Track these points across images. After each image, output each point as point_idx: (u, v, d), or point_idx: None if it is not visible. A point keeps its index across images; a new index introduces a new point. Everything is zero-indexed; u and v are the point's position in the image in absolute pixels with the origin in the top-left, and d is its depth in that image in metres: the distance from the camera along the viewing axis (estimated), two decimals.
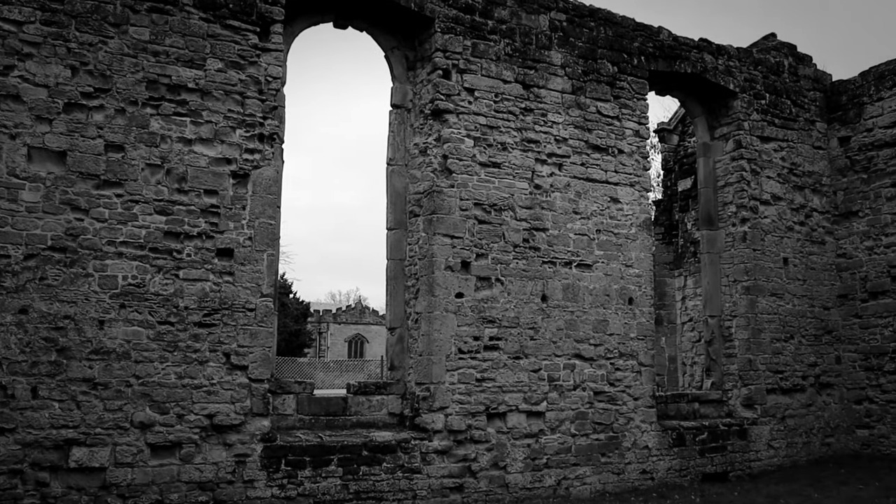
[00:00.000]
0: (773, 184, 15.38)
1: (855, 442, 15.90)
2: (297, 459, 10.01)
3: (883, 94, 15.96)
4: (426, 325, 11.26)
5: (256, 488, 9.75)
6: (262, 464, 9.82)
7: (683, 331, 17.96)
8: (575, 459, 12.11)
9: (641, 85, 13.76)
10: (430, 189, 11.52)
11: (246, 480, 9.71)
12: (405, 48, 12.34)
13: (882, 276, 15.66)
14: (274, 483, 9.85)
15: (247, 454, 9.75)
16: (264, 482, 9.80)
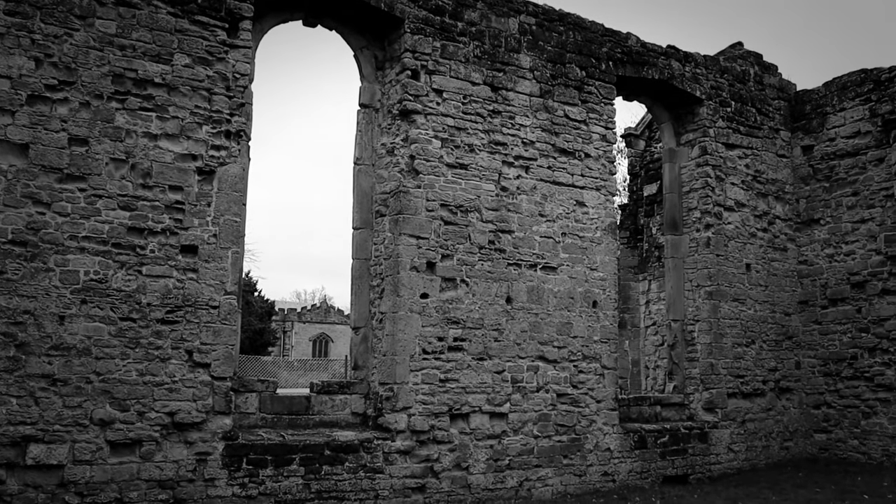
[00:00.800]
0: (738, 190, 15.56)
1: (813, 446, 16.11)
2: (259, 458, 9.95)
3: (845, 104, 16.19)
4: (391, 325, 11.26)
5: (217, 487, 9.69)
6: (224, 462, 9.75)
7: (647, 334, 18.10)
8: (537, 461, 12.16)
9: (609, 90, 13.85)
10: (396, 189, 11.52)
11: (207, 479, 9.64)
12: (374, 48, 12.33)
13: (841, 284, 15.89)
14: (235, 482, 9.79)
15: (208, 452, 9.68)
16: (225, 481, 9.74)
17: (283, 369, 52.67)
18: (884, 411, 15.08)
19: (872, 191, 15.55)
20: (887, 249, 15.20)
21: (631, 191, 20.31)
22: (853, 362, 15.61)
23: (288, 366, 55.69)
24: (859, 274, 15.64)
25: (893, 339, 15.01)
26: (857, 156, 15.91)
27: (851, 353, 15.65)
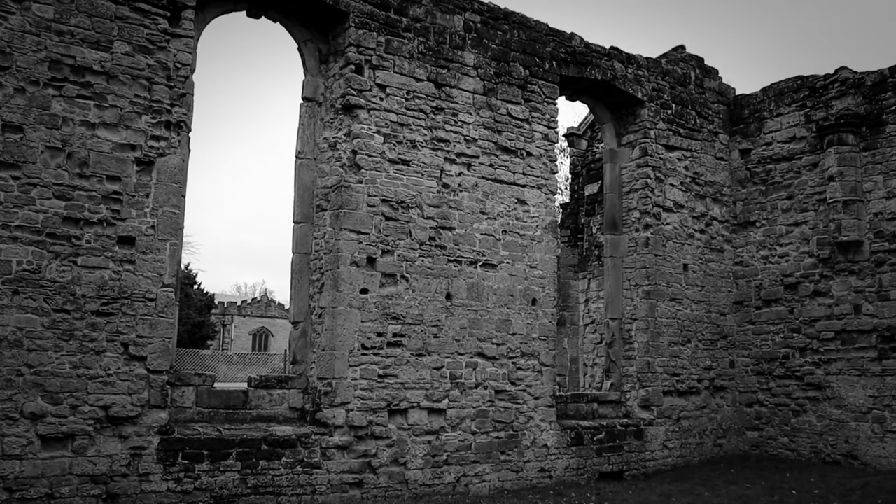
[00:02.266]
0: (676, 192, 15.80)
1: (745, 443, 16.43)
2: (195, 453, 9.86)
3: (782, 109, 16.53)
4: (330, 319, 11.23)
5: (152, 482, 9.57)
6: (159, 457, 9.64)
7: (585, 332, 18.28)
8: (475, 457, 12.23)
9: (552, 89, 13.97)
10: (338, 184, 11.49)
11: (141, 474, 9.52)
12: (319, 41, 12.27)
13: (775, 285, 16.23)
14: (170, 476, 9.68)
15: (143, 447, 9.56)
16: (160, 475, 9.62)
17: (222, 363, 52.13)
18: (813, 409, 15.45)
19: (806, 195, 15.91)
20: (819, 252, 15.56)
21: (573, 190, 20.47)
22: (785, 362, 15.96)
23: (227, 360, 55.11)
24: (792, 276, 15.99)
25: (823, 339, 15.38)
26: (792, 160, 16.25)
27: (783, 352, 16.00)
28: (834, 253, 15.37)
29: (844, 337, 15.14)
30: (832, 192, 15.23)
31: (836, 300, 15.31)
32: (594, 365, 17.50)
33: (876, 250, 14.82)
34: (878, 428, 14.49)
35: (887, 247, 14.66)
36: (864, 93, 15.30)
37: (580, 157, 20.01)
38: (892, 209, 14.66)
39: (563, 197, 30.54)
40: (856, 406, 14.84)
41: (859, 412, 14.79)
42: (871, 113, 15.11)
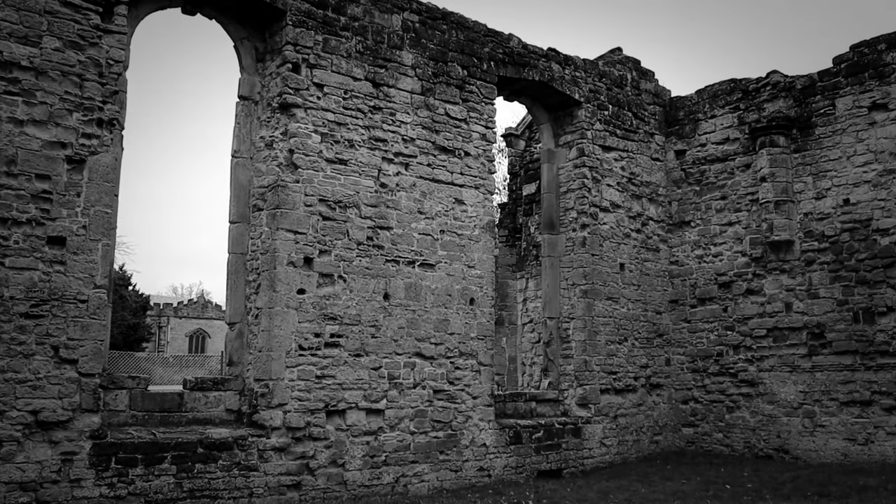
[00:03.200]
0: (613, 192, 15.98)
1: (681, 439, 16.68)
2: (129, 457, 9.67)
3: (716, 111, 16.82)
4: (267, 320, 11.12)
5: (84, 488, 9.36)
6: (91, 462, 9.43)
7: (524, 332, 18.37)
8: (413, 457, 12.21)
9: (490, 89, 14.02)
10: (274, 183, 11.39)
11: (72, 480, 9.30)
12: (255, 39, 12.14)
13: (710, 284, 16.51)
14: (103, 482, 9.47)
15: (74, 452, 9.34)
16: (92, 481, 9.42)
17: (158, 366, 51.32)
18: (746, 405, 15.75)
19: (739, 195, 16.21)
20: (752, 252, 15.87)
21: (510, 190, 20.54)
22: (719, 359, 16.24)
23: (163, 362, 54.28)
24: (726, 274, 16.29)
25: (756, 336, 15.69)
26: (726, 161, 16.55)
27: (718, 350, 16.29)
28: (766, 252, 15.69)
29: (776, 334, 15.47)
30: (764, 192, 15.54)
31: (768, 298, 15.63)
32: (532, 364, 17.60)
33: (806, 249, 15.17)
34: (809, 422, 14.82)
35: (817, 246, 15.01)
36: (795, 96, 15.64)
37: (518, 157, 20.09)
38: (821, 209, 15.02)
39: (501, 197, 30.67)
40: (787, 402, 15.16)
41: (790, 407, 15.11)
42: (802, 116, 15.46)
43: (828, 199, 14.99)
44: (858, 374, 14.32)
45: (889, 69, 14.41)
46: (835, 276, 14.78)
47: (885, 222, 14.20)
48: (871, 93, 14.58)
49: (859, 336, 14.34)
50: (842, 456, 14.32)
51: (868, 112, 14.61)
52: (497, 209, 20.61)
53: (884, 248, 14.18)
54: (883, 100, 14.41)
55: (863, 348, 14.28)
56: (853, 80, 14.88)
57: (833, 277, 14.79)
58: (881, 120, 14.44)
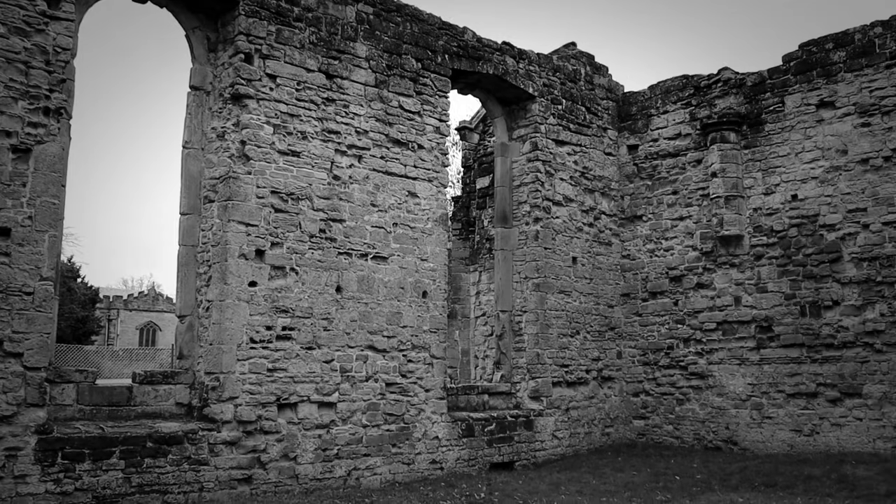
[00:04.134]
0: (566, 186, 16.06)
1: (632, 431, 16.85)
2: (76, 452, 9.52)
3: (668, 107, 16.98)
4: (217, 313, 11.02)
5: (29, 483, 9.19)
6: (37, 457, 9.26)
7: (477, 325, 18.40)
8: (366, 450, 12.19)
9: (444, 82, 14.02)
10: (226, 175, 11.28)
11: (17, 476, 9.12)
12: (207, 29, 12.00)
13: (661, 278, 16.68)
14: (49, 477, 9.32)
15: (19, 447, 9.16)
16: (38, 477, 9.26)
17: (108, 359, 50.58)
18: (696, 398, 15.95)
19: (690, 190, 16.39)
20: (702, 246, 16.06)
21: (464, 183, 20.54)
22: (670, 352, 16.43)
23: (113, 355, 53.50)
24: (677, 268, 16.47)
25: (706, 330, 15.89)
26: (677, 156, 16.72)
27: (668, 343, 16.47)
28: (716, 246, 15.89)
29: (725, 328, 15.68)
30: (715, 187, 15.73)
31: (717, 292, 15.83)
32: (485, 357, 17.64)
33: (755, 244, 15.39)
34: (756, 414, 15.06)
35: (766, 241, 15.23)
36: (745, 93, 15.85)
37: (472, 150, 20.10)
38: (770, 205, 15.25)
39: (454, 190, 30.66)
40: (736, 394, 15.39)
41: (739, 400, 15.34)
42: (752, 112, 15.67)
43: (776, 194, 15.22)
44: (805, 366, 14.58)
45: (836, 68, 14.66)
46: (783, 270, 15.01)
47: (831, 218, 14.46)
48: (818, 91, 14.83)
49: (806, 329, 14.60)
50: (788, 447, 14.57)
51: (816, 110, 14.86)
52: (450, 202, 20.62)
53: (830, 244, 14.44)
54: (830, 98, 14.66)
55: (809, 341, 14.54)
56: (802, 78, 15.11)
57: (781, 272, 15.03)
58: (828, 117, 14.69)
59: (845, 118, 14.50)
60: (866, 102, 14.24)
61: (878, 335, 13.82)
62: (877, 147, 14.09)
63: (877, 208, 14.00)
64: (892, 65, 14.05)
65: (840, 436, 14.06)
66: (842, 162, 14.46)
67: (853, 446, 13.85)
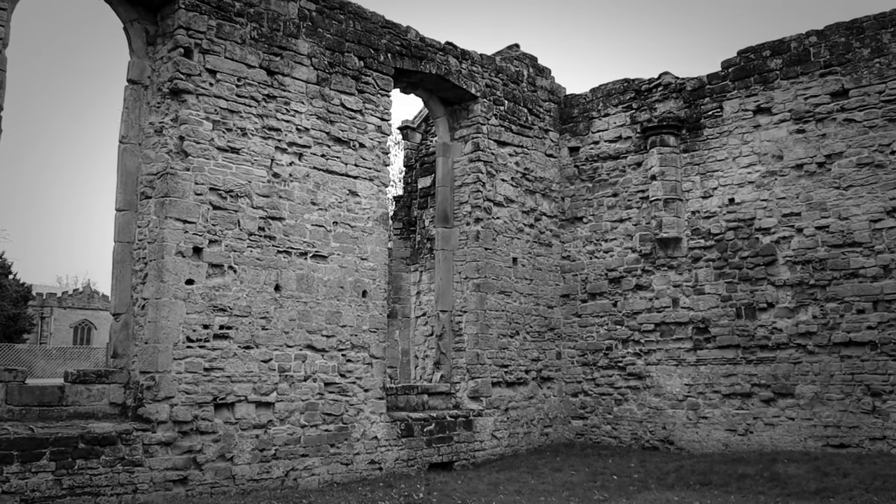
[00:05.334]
0: (507, 187, 16.12)
1: (571, 431, 16.97)
2: (4, 454, 9.25)
3: (610, 110, 17.14)
4: (153, 311, 10.83)
5: None
6: None
7: (417, 325, 18.39)
8: (304, 450, 12.09)
9: (387, 81, 13.97)
10: (163, 171, 11.09)
11: None
12: (146, 22, 11.79)
13: (600, 279, 16.83)
14: None
15: None
16: None
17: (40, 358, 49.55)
18: (634, 398, 16.13)
19: (630, 192, 16.57)
20: (641, 248, 16.25)
21: (406, 183, 20.52)
22: (608, 353, 16.58)
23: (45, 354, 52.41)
24: (616, 270, 16.63)
25: (644, 331, 16.08)
26: (618, 159, 16.89)
27: (607, 344, 16.62)
28: (655, 249, 16.09)
29: (663, 329, 15.88)
30: (654, 190, 15.92)
31: (656, 294, 16.03)
32: (425, 357, 17.65)
33: (693, 247, 15.61)
34: (693, 414, 15.27)
35: (703, 244, 15.47)
36: (685, 97, 16.08)
37: (414, 150, 20.10)
38: (707, 208, 15.49)
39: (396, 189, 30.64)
40: (673, 394, 15.59)
41: (675, 400, 15.55)
42: (691, 117, 15.90)
43: (714, 198, 15.47)
44: (740, 367, 14.83)
45: (773, 75, 14.94)
46: (719, 272, 15.26)
47: (766, 222, 14.74)
48: (756, 97, 15.10)
49: (741, 331, 14.85)
50: (723, 446, 14.80)
51: (753, 115, 15.13)
52: (392, 202, 20.60)
53: (765, 247, 14.71)
54: (767, 104, 14.94)
55: (744, 343, 14.80)
56: (740, 84, 15.38)
57: (718, 274, 15.27)
58: (765, 123, 14.97)
59: (781, 124, 14.80)
60: (801, 109, 14.54)
61: (810, 337, 14.12)
62: (811, 153, 14.40)
63: (810, 213, 14.31)
64: (825, 73, 14.37)
65: (773, 435, 14.34)
66: (777, 167, 14.74)
67: (785, 445, 14.13)
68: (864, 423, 13.51)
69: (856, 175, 13.92)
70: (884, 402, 13.36)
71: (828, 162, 14.23)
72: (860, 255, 13.79)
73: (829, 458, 12.83)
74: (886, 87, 13.75)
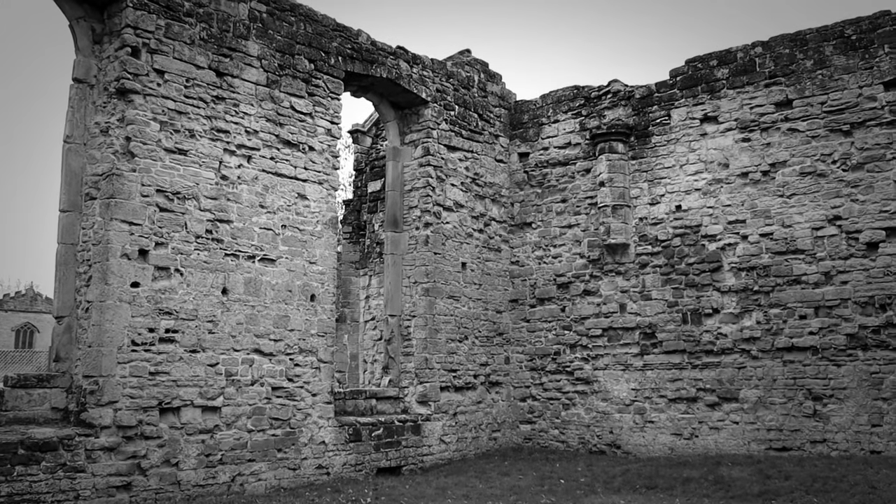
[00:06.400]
0: (457, 191, 16.16)
1: (519, 436, 17.04)
2: None
3: (559, 117, 17.27)
4: (98, 314, 10.65)
5: None
6: None
7: (366, 329, 18.36)
8: (251, 455, 11.98)
9: (337, 84, 13.93)
10: (109, 171, 10.92)
11: None
12: (93, 19, 11.60)
13: (549, 284, 16.93)
14: None
15: None
16: None
17: None
18: (581, 403, 16.24)
19: (579, 199, 16.71)
20: (590, 254, 16.39)
21: (356, 187, 20.45)
22: (556, 357, 16.68)
23: None
24: (565, 275, 16.75)
25: (592, 336, 16.20)
26: (567, 165, 17.01)
27: (555, 349, 16.72)
28: (603, 255, 16.23)
29: (611, 334, 16.03)
30: (602, 197, 16.06)
31: (604, 299, 16.17)
32: (374, 361, 17.61)
33: (640, 253, 15.78)
34: (639, 419, 15.43)
35: (650, 250, 15.65)
36: (634, 105, 16.26)
37: (364, 154, 20.05)
38: (655, 215, 15.67)
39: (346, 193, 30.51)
40: (620, 399, 15.73)
41: (622, 404, 15.69)
42: (639, 124, 16.09)
43: (661, 204, 15.66)
44: (686, 372, 15.02)
45: (720, 84, 15.18)
46: (666, 278, 15.44)
47: (712, 229, 14.96)
48: (703, 105, 15.33)
49: (687, 336, 15.05)
50: (669, 450, 14.97)
51: (700, 123, 15.35)
52: (342, 205, 20.53)
53: (711, 253, 14.93)
54: (714, 113, 15.17)
55: (690, 348, 14.99)
56: (688, 93, 15.60)
57: (665, 280, 15.46)
58: (712, 132, 15.20)
59: (727, 133, 15.04)
60: (747, 118, 14.79)
61: (754, 342, 14.36)
62: (756, 162, 14.64)
63: (755, 220, 14.55)
64: (770, 83, 14.63)
65: (718, 439, 14.54)
66: (723, 175, 14.97)
67: (730, 449, 14.34)
68: (805, 426, 13.77)
69: (799, 184, 14.20)
70: (824, 405, 13.63)
71: (772, 170, 14.49)
72: (802, 262, 14.06)
73: (771, 461, 13.06)
74: (828, 98, 14.05)
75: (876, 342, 13.33)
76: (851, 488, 10.66)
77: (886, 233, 13.39)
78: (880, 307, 13.35)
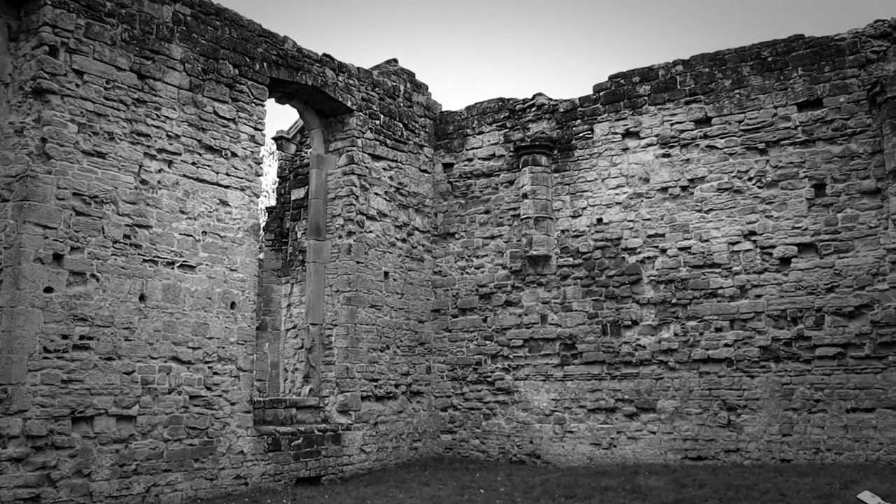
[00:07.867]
0: (381, 201, 16.14)
1: (440, 446, 17.05)
2: None
3: (484, 128, 17.39)
4: (8, 320, 10.32)
5: None
6: None
7: (287, 337, 18.18)
8: (167, 465, 11.74)
9: (261, 91, 13.80)
10: (23, 173, 10.62)
11: None
12: (8, 16, 11.26)
13: (471, 294, 17.01)
14: None
15: None
16: None
17: None
18: (502, 412, 16.34)
19: (502, 210, 16.84)
20: (511, 265, 16.52)
21: (279, 194, 20.27)
22: (478, 367, 16.76)
23: None
24: (487, 286, 16.85)
25: (513, 346, 16.33)
26: (491, 177, 17.14)
27: (477, 359, 16.80)
28: (525, 266, 16.38)
29: (532, 344, 16.17)
30: (525, 208, 16.21)
31: (525, 310, 16.31)
32: (295, 370, 17.45)
33: (562, 265, 15.97)
34: (559, 429, 15.59)
35: (571, 262, 15.85)
36: (558, 119, 16.47)
37: (288, 161, 19.88)
38: (576, 227, 15.89)
39: (269, 200, 30.23)
40: (540, 409, 15.87)
41: (543, 414, 15.83)
42: (563, 138, 16.30)
43: (583, 217, 15.89)
44: (605, 382, 15.24)
45: (642, 100, 15.48)
46: (587, 290, 15.65)
47: (632, 242, 15.23)
48: (625, 121, 15.62)
49: (607, 347, 15.27)
50: (588, 459, 15.16)
51: (622, 138, 15.64)
52: (264, 212, 20.32)
53: (631, 266, 15.19)
54: (635, 128, 15.48)
55: (609, 359, 15.22)
56: (610, 108, 15.87)
57: (585, 292, 15.67)
58: (633, 147, 15.49)
59: (648, 148, 15.34)
60: (667, 135, 15.11)
61: (671, 353, 14.65)
62: (675, 177, 14.97)
63: (673, 234, 14.86)
64: (690, 101, 14.98)
65: (636, 448, 14.77)
66: (644, 189, 15.26)
67: (647, 458, 14.59)
68: (719, 436, 14.09)
69: (716, 199, 14.56)
70: (738, 416, 13.97)
71: (691, 186, 14.83)
72: (719, 275, 14.41)
73: (687, 469, 13.31)
74: (745, 117, 14.45)
75: (787, 354, 13.73)
76: (762, 496, 10.93)
77: (798, 248, 13.82)
78: (792, 320, 13.75)
